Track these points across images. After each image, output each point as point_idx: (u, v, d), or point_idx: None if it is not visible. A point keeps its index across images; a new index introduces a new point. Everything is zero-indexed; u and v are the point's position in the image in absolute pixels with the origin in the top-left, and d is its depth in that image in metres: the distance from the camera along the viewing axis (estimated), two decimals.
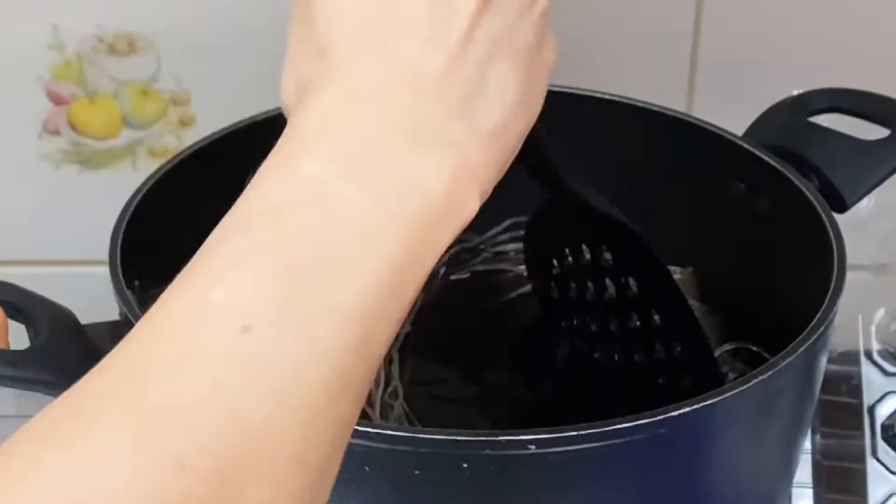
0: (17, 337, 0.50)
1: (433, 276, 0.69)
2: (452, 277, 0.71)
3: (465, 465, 0.45)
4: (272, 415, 0.32)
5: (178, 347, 0.33)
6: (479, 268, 0.71)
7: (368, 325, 0.35)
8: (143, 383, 0.32)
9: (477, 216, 0.39)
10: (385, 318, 0.36)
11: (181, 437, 0.31)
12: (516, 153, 0.42)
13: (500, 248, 0.72)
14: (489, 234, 0.72)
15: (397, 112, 0.39)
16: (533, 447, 0.44)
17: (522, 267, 0.69)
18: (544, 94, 0.44)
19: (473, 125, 0.40)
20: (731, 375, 0.63)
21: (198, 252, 0.36)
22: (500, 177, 0.41)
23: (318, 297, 0.34)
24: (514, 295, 0.70)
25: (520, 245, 0.71)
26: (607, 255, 0.58)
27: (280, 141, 0.39)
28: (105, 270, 0.55)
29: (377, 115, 0.38)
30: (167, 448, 0.30)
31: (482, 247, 0.72)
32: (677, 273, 0.68)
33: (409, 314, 0.68)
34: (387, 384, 0.63)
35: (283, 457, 0.32)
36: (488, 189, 0.40)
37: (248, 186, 0.37)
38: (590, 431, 0.45)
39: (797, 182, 0.61)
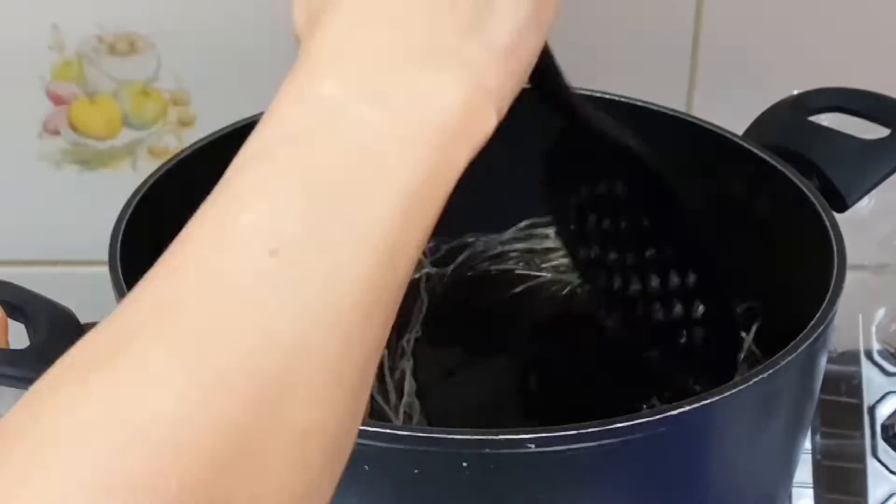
0: (17, 337, 0.50)
1: (443, 274, 0.70)
2: (469, 273, 0.71)
3: (464, 465, 0.45)
4: (305, 333, 0.33)
5: (209, 272, 0.33)
6: (496, 267, 0.71)
7: (393, 249, 0.36)
8: (176, 309, 0.32)
9: (491, 217, 0.39)
10: (407, 241, 0.36)
11: (219, 359, 0.31)
12: (530, 71, 0.43)
13: (514, 247, 0.72)
14: (506, 234, 0.72)
15: (411, 33, 0.39)
16: (532, 446, 0.45)
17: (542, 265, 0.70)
18: (555, 10, 0.44)
19: (486, 43, 0.40)
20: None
21: (220, 181, 0.36)
22: (515, 94, 0.41)
23: (342, 222, 0.35)
24: (521, 290, 0.70)
25: (532, 244, 0.71)
26: (621, 188, 0.58)
27: (295, 66, 0.39)
28: (105, 270, 0.55)
29: (391, 37, 0.39)
30: (207, 369, 0.31)
31: (500, 247, 0.72)
32: None
33: (418, 318, 0.69)
34: (399, 392, 0.63)
35: (319, 375, 0.33)
36: (504, 107, 0.40)
37: (267, 112, 0.38)
38: (589, 430, 0.45)
39: (797, 182, 0.61)
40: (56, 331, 0.49)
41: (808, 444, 0.71)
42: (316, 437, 0.33)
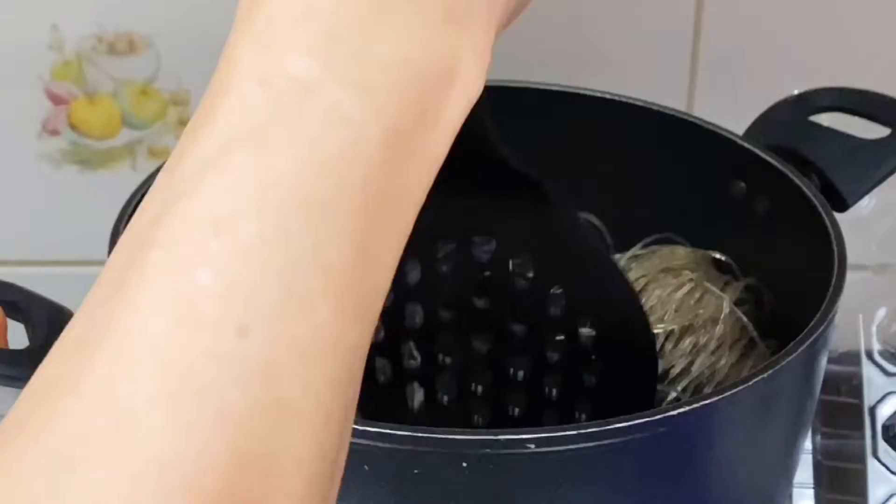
0: (17, 337, 0.50)
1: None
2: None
3: (464, 465, 0.45)
4: (280, 438, 0.27)
5: (164, 364, 0.27)
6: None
7: (371, 287, 0.30)
8: (132, 421, 0.26)
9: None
10: (386, 269, 0.30)
11: (186, 497, 0.26)
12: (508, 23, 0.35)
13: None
14: None
15: None
16: (532, 446, 0.44)
17: None
18: None
19: None
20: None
21: (160, 180, 0.29)
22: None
23: (316, 269, 0.28)
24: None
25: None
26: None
27: (248, 9, 0.31)
28: None
29: None
30: None
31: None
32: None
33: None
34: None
35: (294, 482, 0.27)
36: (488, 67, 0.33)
37: (222, 77, 0.30)
38: (589, 430, 0.45)
39: (797, 181, 0.61)
40: (56, 331, 0.49)
41: (808, 445, 0.71)
42: None
